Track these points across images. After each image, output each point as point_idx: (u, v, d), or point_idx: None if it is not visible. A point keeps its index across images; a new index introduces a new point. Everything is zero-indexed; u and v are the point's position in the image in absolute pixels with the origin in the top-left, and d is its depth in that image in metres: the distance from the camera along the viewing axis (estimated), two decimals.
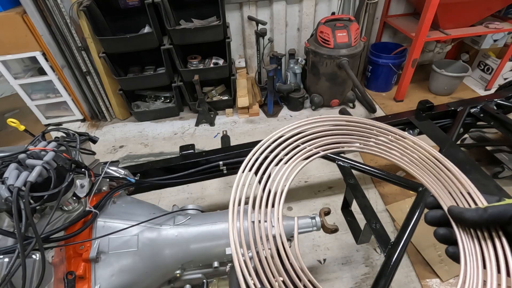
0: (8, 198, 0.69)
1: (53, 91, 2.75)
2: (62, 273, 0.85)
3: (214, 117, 2.89)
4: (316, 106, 2.92)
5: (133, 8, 2.47)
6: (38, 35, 2.34)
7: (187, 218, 1.05)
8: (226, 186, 2.14)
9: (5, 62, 2.45)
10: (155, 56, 2.58)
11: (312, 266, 1.64)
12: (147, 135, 2.77)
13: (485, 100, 1.67)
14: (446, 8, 2.44)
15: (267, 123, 2.83)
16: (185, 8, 2.56)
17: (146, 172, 1.43)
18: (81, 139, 0.99)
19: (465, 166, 1.27)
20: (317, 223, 1.09)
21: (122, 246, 0.94)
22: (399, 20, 3.03)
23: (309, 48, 2.69)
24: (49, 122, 2.93)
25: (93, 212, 0.93)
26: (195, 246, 0.99)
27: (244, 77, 2.98)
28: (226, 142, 1.86)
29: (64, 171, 0.81)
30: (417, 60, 2.66)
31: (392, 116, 1.70)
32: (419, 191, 1.24)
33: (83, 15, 2.27)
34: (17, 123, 0.90)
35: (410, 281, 1.54)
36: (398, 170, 2.17)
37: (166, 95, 2.98)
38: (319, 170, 2.22)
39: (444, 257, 1.57)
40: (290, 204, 1.99)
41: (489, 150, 2.08)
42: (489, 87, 3.07)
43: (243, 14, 2.81)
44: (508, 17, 2.77)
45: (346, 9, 2.95)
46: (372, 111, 2.72)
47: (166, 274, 0.99)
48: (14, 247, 0.73)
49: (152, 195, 1.90)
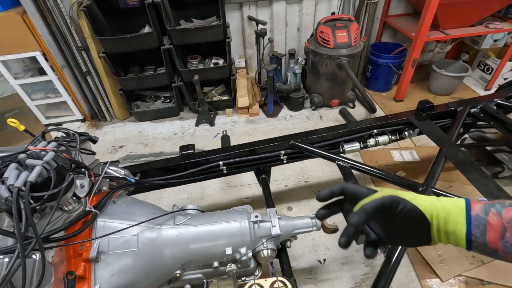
0: (8, 198, 0.69)
1: (53, 91, 2.75)
2: (62, 273, 0.85)
3: (214, 117, 2.89)
4: (316, 106, 2.92)
5: (133, 8, 2.47)
6: (38, 35, 2.34)
7: (187, 218, 1.05)
8: (226, 186, 2.14)
9: (5, 62, 2.45)
10: (155, 56, 2.58)
11: (312, 266, 1.64)
12: (147, 135, 2.77)
13: (485, 100, 1.67)
14: (446, 8, 2.43)
15: (267, 123, 2.83)
16: (185, 8, 2.56)
17: (146, 172, 1.43)
18: (81, 139, 0.99)
19: (465, 166, 1.27)
20: (317, 223, 1.09)
21: (122, 246, 0.94)
22: (399, 20, 3.03)
23: (309, 48, 2.69)
24: (49, 122, 2.93)
25: (93, 212, 0.93)
26: (195, 246, 0.99)
27: (244, 77, 2.98)
28: (226, 142, 1.86)
29: (64, 171, 0.81)
30: (417, 60, 2.66)
31: (392, 116, 1.69)
32: (419, 191, 1.24)
33: (83, 15, 2.27)
34: (17, 123, 0.90)
35: (410, 281, 1.54)
36: (398, 170, 2.17)
37: (166, 95, 2.98)
38: (319, 170, 2.22)
39: (444, 257, 1.57)
40: (290, 204, 1.99)
41: (489, 150, 2.08)
42: (489, 87, 3.06)
43: (243, 14, 2.81)
44: (508, 17, 2.77)
45: (346, 9, 2.95)
46: (372, 111, 2.72)
47: (166, 274, 0.99)
48: (14, 247, 0.73)
49: (152, 195, 1.90)
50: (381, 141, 1.63)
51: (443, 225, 0.51)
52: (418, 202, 0.53)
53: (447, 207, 0.52)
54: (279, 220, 1.08)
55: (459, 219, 0.50)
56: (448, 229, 0.51)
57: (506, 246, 0.47)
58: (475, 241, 0.49)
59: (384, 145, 1.67)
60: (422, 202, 0.53)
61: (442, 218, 0.51)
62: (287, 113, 2.95)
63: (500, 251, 0.48)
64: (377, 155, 2.30)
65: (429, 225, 0.52)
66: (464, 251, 1.59)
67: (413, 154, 2.30)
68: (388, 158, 2.28)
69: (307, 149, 1.50)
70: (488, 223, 0.48)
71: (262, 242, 1.03)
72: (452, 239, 0.51)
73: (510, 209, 0.48)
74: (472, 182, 1.20)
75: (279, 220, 1.07)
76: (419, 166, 2.18)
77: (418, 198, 0.54)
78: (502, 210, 0.48)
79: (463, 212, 0.50)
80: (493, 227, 0.48)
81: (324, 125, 1.72)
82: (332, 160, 1.46)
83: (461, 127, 1.57)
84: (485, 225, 0.48)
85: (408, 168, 2.18)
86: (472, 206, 0.51)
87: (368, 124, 1.63)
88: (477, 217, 0.49)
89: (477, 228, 0.49)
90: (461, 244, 0.51)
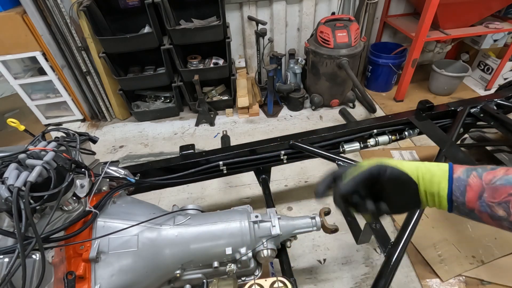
0: (8, 198, 0.69)
1: (53, 91, 2.75)
2: (62, 273, 0.85)
3: (214, 117, 2.89)
4: (316, 106, 2.92)
5: (133, 8, 2.47)
6: (38, 35, 2.34)
7: (187, 218, 1.05)
8: (226, 186, 2.14)
9: (5, 62, 2.45)
10: (155, 56, 2.58)
11: (312, 266, 1.64)
12: (147, 135, 2.77)
13: (485, 100, 1.67)
14: (446, 8, 2.43)
15: (267, 123, 2.83)
16: (185, 8, 2.56)
17: (146, 172, 1.43)
18: (81, 139, 0.99)
19: None
20: (317, 223, 1.09)
21: (122, 246, 0.94)
22: (399, 20, 3.03)
23: (309, 48, 2.69)
24: (49, 122, 2.93)
25: (93, 212, 0.93)
26: (195, 246, 0.99)
27: (244, 77, 2.98)
28: (226, 142, 1.85)
29: (64, 171, 0.81)
30: (417, 60, 2.66)
31: (392, 116, 1.69)
32: None
33: (83, 15, 2.27)
34: (17, 123, 0.90)
35: (410, 281, 1.54)
36: None
37: (166, 95, 2.97)
38: (319, 170, 2.22)
39: (444, 257, 1.58)
40: (290, 204, 1.99)
41: (489, 150, 2.08)
42: (489, 87, 3.06)
43: (243, 14, 2.81)
44: (508, 17, 2.77)
45: (346, 9, 2.95)
46: (372, 111, 2.72)
47: (166, 274, 0.99)
48: (14, 247, 0.73)
49: (152, 195, 1.90)
50: (381, 141, 1.63)
51: (429, 186, 0.54)
52: (404, 166, 0.56)
53: (431, 169, 0.54)
54: (279, 220, 1.08)
55: (442, 180, 0.53)
56: (433, 189, 0.53)
57: (482, 206, 0.49)
58: (456, 201, 0.52)
59: (384, 145, 1.67)
60: (408, 165, 0.56)
61: (428, 179, 0.54)
62: (287, 113, 2.95)
63: (476, 210, 0.50)
64: (377, 155, 2.30)
65: (417, 187, 0.55)
66: (464, 251, 1.60)
67: (413, 154, 2.30)
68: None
69: (307, 149, 1.50)
70: (468, 184, 0.51)
71: (262, 242, 1.03)
72: (436, 200, 0.54)
73: (490, 172, 0.50)
74: None
75: (279, 220, 1.07)
76: None
77: (403, 163, 0.57)
78: (483, 173, 0.51)
79: (446, 174, 0.53)
80: (472, 187, 0.50)
81: (324, 125, 1.72)
82: (332, 160, 1.46)
83: (461, 127, 1.57)
84: (465, 186, 0.51)
85: None
86: (454, 169, 0.53)
87: (368, 124, 1.63)
88: (458, 179, 0.52)
89: (458, 189, 0.51)
90: (443, 206, 0.53)
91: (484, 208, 0.49)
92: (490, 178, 0.49)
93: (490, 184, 0.49)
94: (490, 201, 0.48)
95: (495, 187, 0.48)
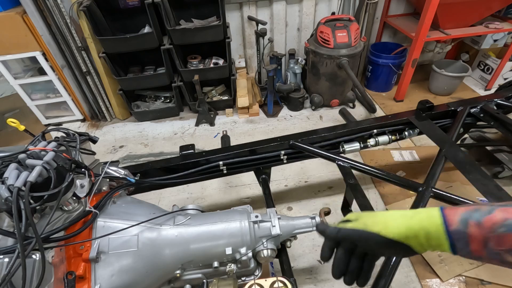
0: (8, 198, 0.69)
1: (53, 91, 2.75)
2: (62, 273, 0.85)
3: (214, 117, 2.89)
4: (316, 106, 2.92)
5: (133, 8, 2.47)
6: (38, 35, 2.34)
7: (187, 218, 1.05)
8: (226, 186, 2.14)
9: (5, 62, 2.45)
10: (155, 56, 2.58)
11: (312, 266, 1.64)
12: (147, 135, 2.77)
13: (485, 100, 1.67)
14: (446, 8, 2.43)
15: (267, 123, 2.83)
16: (185, 8, 2.56)
17: (146, 172, 1.43)
18: (81, 139, 0.99)
19: (465, 166, 1.27)
20: (317, 223, 1.09)
21: (122, 246, 0.94)
22: (399, 20, 3.03)
23: (309, 48, 2.69)
24: (49, 122, 2.93)
25: (93, 212, 0.93)
26: (195, 246, 0.99)
27: (244, 77, 2.97)
28: (226, 142, 1.85)
29: (64, 171, 0.81)
30: (417, 60, 2.66)
31: (392, 116, 1.69)
32: (419, 191, 1.24)
33: (83, 15, 2.27)
34: (17, 123, 0.90)
35: (410, 281, 1.53)
36: (398, 170, 2.17)
37: (166, 95, 2.98)
38: (319, 170, 2.22)
39: (444, 257, 1.58)
40: (290, 204, 1.99)
41: (489, 150, 2.08)
42: (489, 87, 3.06)
43: (243, 14, 2.81)
44: (508, 17, 2.77)
45: (346, 9, 2.95)
46: (372, 111, 2.72)
47: (166, 274, 0.99)
48: (14, 247, 0.73)
49: (152, 195, 1.90)
50: (381, 141, 1.63)
51: (426, 243, 0.52)
52: (389, 231, 0.53)
53: (425, 227, 0.51)
54: (279, 220, 1.08)
55: (440, 236, 0.50)
56: (431, 244, 0.52)
57: (489, 254, 0.47)
58: (460, 251, 0.49)
59: (384, 145, 1.67)
60: (395, 230, 0.53)
61: (423, 237, 0.52)
62: (287, 113, 2.95)
63: (484, 257, 0.48)
64: (377, 155, 2.31)
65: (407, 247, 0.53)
66: None
67: (413, 154, 2.30)
68: (388, 158, 2.28)
69: (307, 149, 1.50)
70: (469, 236, 0.48)
71: (262, 242, 1.03)
72: (437, 249, 0.52)
73: (489, 217, 0.47)
74: (472, 182, 1.20)
75: (279, 220, 1.07)
76: (419, 166, 2.18)
77: (389, 227, 0.54)
78: (481, 220, 0.47)
79: (441, 228, 0.50)
80: (474, 238, 0.47)
81: (324, 125, 1.72)
82: (332, 160, 1.46)
83: (461, 127, 1.57)
84: (467, 238, 0.48)
85: (408, 168, 2.18)
86: (449, 221, 0.50)
87: (368, 124, 1.63)
88: (457, 232, 0.49)
89: (458, 241, 0.49)
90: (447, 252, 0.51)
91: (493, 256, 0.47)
92: (491, 226, 0.46)
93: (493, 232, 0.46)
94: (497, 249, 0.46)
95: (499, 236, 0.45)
